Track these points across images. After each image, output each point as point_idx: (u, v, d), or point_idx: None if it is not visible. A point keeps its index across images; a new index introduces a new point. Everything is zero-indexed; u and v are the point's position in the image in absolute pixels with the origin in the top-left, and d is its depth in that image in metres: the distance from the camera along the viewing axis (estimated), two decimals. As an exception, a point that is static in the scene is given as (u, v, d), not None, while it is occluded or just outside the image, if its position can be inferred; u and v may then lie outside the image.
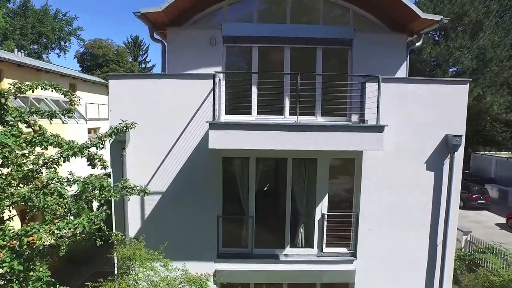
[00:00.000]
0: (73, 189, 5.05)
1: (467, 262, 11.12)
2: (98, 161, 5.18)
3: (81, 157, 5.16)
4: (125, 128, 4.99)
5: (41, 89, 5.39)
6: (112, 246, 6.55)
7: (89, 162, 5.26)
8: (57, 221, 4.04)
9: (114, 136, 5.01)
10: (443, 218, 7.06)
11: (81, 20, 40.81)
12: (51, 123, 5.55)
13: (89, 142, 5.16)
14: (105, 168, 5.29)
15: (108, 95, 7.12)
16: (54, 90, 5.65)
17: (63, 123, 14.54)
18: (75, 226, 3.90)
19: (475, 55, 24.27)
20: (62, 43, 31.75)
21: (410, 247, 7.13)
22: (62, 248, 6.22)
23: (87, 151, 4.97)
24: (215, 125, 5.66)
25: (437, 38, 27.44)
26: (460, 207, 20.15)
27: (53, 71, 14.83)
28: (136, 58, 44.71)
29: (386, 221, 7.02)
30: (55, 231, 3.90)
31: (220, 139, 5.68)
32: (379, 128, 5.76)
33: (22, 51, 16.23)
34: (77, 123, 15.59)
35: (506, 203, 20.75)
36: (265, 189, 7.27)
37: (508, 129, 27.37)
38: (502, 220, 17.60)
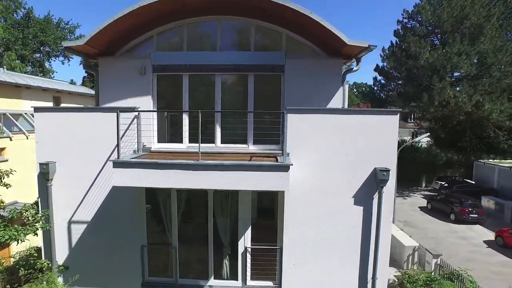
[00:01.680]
0: None
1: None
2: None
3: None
4: None
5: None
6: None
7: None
8: None
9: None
10: (373, 254, 6.78)
11: (85, 26, 41.92)
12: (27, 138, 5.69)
13: None
14: (2, 208, 5.43)
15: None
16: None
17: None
18: None
19: (475, 60, 23.15)
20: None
21: (338, 282, 6.86)
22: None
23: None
24: (118, 164, 5.67)
25: (437, 43, 26.40)
26: (452, 221, 19.59)
27: (34, 86, 15.28)
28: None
29: (312, 256, 6.79)
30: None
31: (124, 177, 5.68)
32: (283, 167, 5.57)
33: (4, 67, 16.80)
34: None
35: (503, 217, 19.67)
36: (188, 220, 7.23)
37: (512, 136, 26.00)
38: (493, 236, 16.66)
